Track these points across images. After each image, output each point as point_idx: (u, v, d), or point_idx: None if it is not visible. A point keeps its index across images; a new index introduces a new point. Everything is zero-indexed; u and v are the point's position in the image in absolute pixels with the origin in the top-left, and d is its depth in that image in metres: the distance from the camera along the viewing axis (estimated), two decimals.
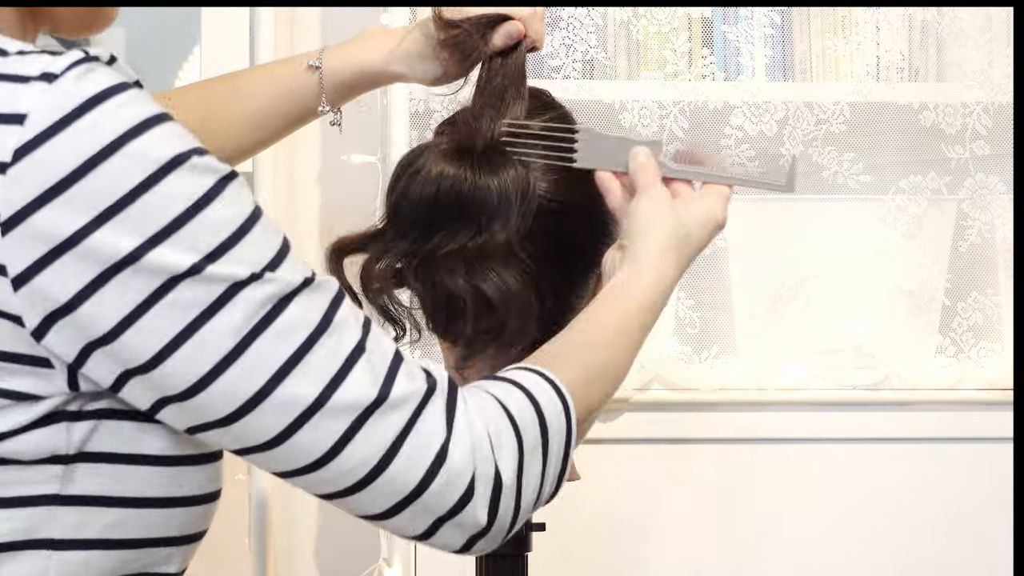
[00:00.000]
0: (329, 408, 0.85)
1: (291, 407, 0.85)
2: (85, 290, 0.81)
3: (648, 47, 1.92)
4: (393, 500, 0.88)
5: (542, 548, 1.27)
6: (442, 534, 0.91)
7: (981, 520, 1.92)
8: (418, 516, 0.89)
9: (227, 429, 0.86)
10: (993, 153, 1.93)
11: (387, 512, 0.89)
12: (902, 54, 1.95)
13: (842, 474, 1.92)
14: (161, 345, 0.83)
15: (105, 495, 0.88)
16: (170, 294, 0.82)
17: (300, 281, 0.86)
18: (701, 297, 1.92)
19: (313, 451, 0.86)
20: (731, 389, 1.91)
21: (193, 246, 0.82)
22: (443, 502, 0.89)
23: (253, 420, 0.85)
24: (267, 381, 0.84)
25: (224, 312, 0.83)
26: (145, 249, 0.81)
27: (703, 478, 1.91)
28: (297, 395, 0.85)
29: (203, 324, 0.83)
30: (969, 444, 1.93)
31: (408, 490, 0.88)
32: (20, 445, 0.85)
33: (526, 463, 0.92)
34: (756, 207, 1.91)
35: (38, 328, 0.82)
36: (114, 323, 0.82)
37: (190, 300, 0.82)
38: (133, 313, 0.82)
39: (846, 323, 1.92)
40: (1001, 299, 1.94)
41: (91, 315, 0.82)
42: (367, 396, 0.86)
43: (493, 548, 0.94)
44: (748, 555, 1.91)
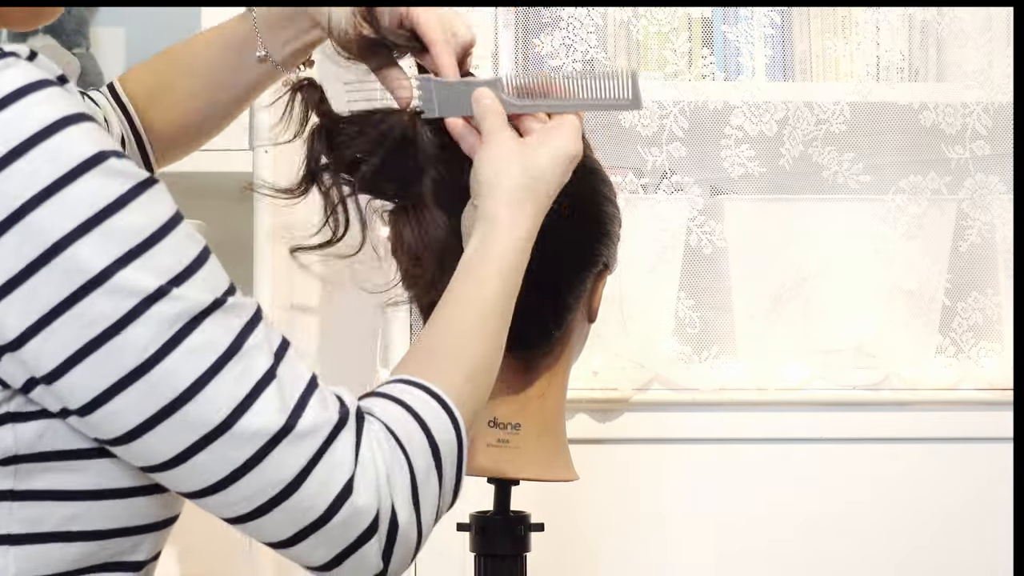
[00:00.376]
0: (233, 434, 0.84)
1: (194, 429, 0.84)
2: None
3: (648, 47, 1.92)
4: (296, 528, 0.88)
5: (542, 548, 1.27)
6: (347, 566, 0.90)
7: (981, 520, 1.92)
8: (320, 546, 0.89)
9: (127, 447, 0.85)
10: (993, 153, 1.93)
11: (290, 540, 0.89)
12: (902, 54, 1.95)
13: (842, 474, 1.92)
14: (64, 357, 0.81)
15: (61, 489, 0.87)
16: (80, 304, 0.81)
17: (211, 300, 0.84)
18: (701, 297, 1.92)
19: (215, 474, 0.85)
20: (731, 389, 1.91)
21: (101, 252, 0.81)
22: (347, 534, 0.88)
23: (153, 439, 0.84)
24: (171, 401, 0.83)
25: (132, 328, 0.81)
26: (54, 252, 0.80)
27: (703, 478, 1.91)
28: (201, 418, 0.83)
29: (109, 339, 0.81)
30: (969, 444, 1.93)
31: (313, 518, 0.87)
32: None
33: (421, 495, 0.91)
34: (756, 207, 1.91)
35: None
36: (21, 329, 0.81)
37: (98, 313, 0.81)
38: (41, 320, 0.81)
39: (846, 323, 1.92)
40: (1001, 299, 1.94)
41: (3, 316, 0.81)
42: (274, 424, 0.85)
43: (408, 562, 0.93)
44: (748, 555, 1.91)
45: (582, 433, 1.88)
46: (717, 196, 1.92)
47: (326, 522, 0.87)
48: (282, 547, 0.90)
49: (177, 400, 0.83)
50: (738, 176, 1.90)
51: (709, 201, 1.91)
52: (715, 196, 1.92)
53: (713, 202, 1.91)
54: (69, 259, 0.80)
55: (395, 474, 0.89)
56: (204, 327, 0.83)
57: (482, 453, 1.18)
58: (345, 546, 0.89)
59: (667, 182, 1.89)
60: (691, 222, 1.90)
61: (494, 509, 1.23)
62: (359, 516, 0.88)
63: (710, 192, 1.92)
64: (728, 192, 1.92)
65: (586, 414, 1.90)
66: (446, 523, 1.28)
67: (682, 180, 1.90)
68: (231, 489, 0.86)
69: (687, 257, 1.91)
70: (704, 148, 1.90)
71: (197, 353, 0.83)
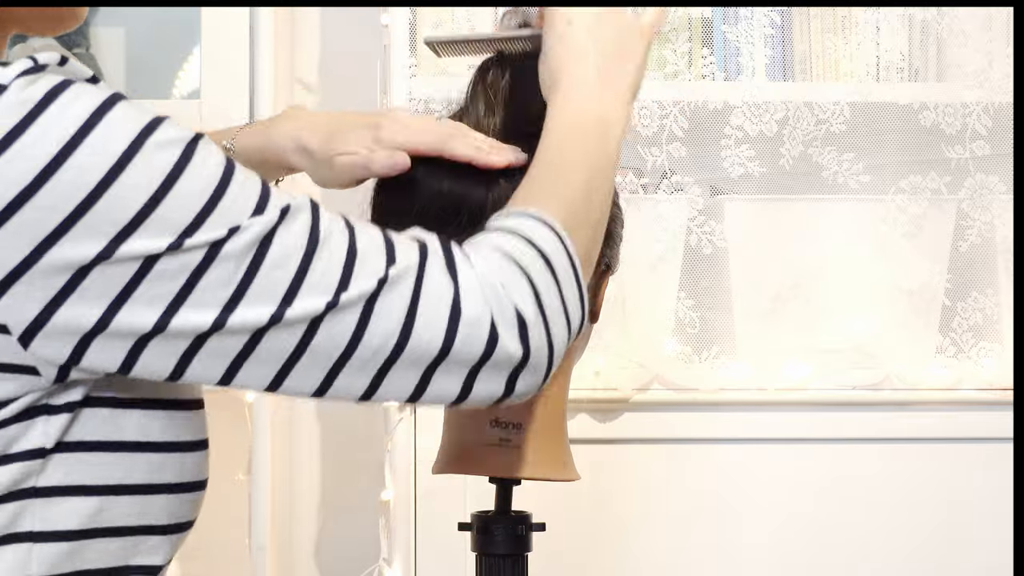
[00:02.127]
0: (341, 307, 0.87)
1: (301, 321, 0.86)
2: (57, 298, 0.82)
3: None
4: (422, 367, 0.90)
5: (542, 548, 1.27)
6: (480, 387, 0.92)
7: (981, 520, 1.92)
8: (452, 374, 0.90)
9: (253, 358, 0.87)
10: (993, 153, 1.93)
11: (421, 382, 0.90)
12: (902, 54, 1.95)
13: (842, 474, 1.92)
14: (162, 310, 0.84)
15: (84, 484, 0.88)
16: (155, 268, 0.83)
17: (277, 217, 0.87)
18: (701, 297, 1.92)
19: (339, 344, 0.88)
20: (731, 389, 1.91)
21: (166, 229, 0.83)
22: (471, 352, 0.90)
23: (271, 338, 0.86)
24: (276, 308, 0.86)
25: (213, 269, 0.84)
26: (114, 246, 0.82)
27: (703, 478, 1.91)
28: (305, 308, 0.86)
29: (196, 283, 0.84)
30: (969, 444, 1.93)
31: (434, 352, 0.89)
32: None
33: (541, 292, 0.92)
34: (756, 207, 1.91)
35: (23, 337, 0.83)
36: (100, 313, 0.83)
37: (177, 267, 0.83)
38: (124, 292, 0.83)
39: (846, 323, 1.92)
40: (1001, 299, 1.94)
41: (70, 316, 0.82)
42: (370, 284, 0.88)
43: (538, 384, 0.94)
44: (748, 554, 1.91)
45: (583, 433, 1.88)
46: (717, 196, 1.92)
47: (448, 350, 0.89)
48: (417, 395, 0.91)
49: (283, 301, 0.86)
50: (738, 176, 1.90)
51: (709, 201, 1.91)
52: (715, 196, 1.92)
53: (713, 202, 1.91)
54: (130, 248, 0.82)
55: (508, 278, 0.91)
56: (277, 241, 0.86)
57: (484, 453, 1.18)
58: (472, 364, 0.90)
59: (667, 182, 1.90)
60: (691, 222, 1.90)
61: (495, 509, 1.23)
62: (475, 332, 0.89)
63: (710, 192, 1.92)
64: (728, 192, 1.92)
65: (587, 414, 1.90)
66: (447, 523, 1.28)
67: (682, 180, 1.90)
68: (356, 354, 0.88)
69: (687, 257, 1.91)
70: (704, 148, 1.90)
71: (281, 263, 0.86)
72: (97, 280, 0.82)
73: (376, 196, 1.15)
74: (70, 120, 0.82)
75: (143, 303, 0.83)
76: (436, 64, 1.89)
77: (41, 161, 0.81)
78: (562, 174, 1.01)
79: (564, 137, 1.02)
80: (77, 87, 0.83)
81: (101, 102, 0.83)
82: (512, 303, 0.91)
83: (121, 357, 0.85)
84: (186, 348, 0.86)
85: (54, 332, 0.83)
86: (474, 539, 1.23)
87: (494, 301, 0.90)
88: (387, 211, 1.12)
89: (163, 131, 0.84)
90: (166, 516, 0.93)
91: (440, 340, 0.89)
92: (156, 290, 0.83)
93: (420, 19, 1.90)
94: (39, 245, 0.81)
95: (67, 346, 0.84)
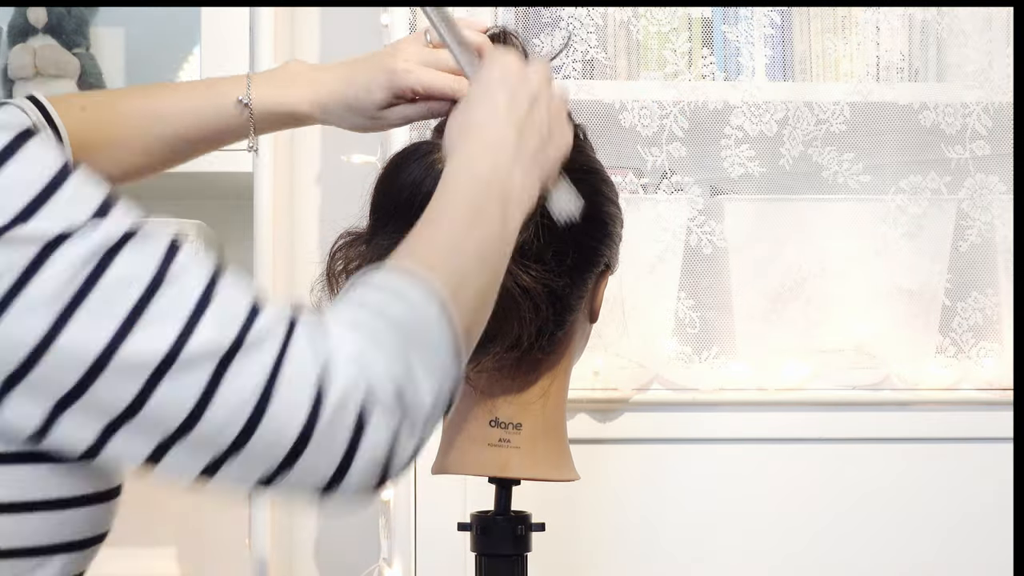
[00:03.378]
0: (184, 360, 0.77)
1: (141, 366, 0.77)
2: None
3: (648, 47, 1.92)
4: (285, 448, 0.79)
5: (542, 548, 1.27)
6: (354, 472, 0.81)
7: (981, 520, 1.92)
8: (322, 452, 0.80)
9: (80, 403, 0.77)
10: (993, 153, 1.93)
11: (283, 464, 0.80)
12: (902, 54, 1.95)
13: (842, 474, 1.92)
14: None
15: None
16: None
17: (123, 232, 0.78)
18: (701, 297, 1.92)
19: (180, 409, 0.78)
20: (731, 389, 1.91)
21: None
22: (343, 425, 0.80)
23: (102, 387, 0.77)
24: (108, 342, 0.76)
25: (41, 276, 0.76)
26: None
27: (703, 478, 1.91)
28: (145, 351, 0.77)
29: (20, 291, 0.75)
30: (969, 444, 1.93)
31: (298, 428, 0.79)
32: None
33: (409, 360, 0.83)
34: (756, 207, 1.91)
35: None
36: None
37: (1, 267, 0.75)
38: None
39: (846, 323, 1.92)
40: (1001, 299, 1.94)
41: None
42: (225, 339, 0.78)
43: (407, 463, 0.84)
44: (748, 555, 1.91)
45: (583, 433, 1.88)
46: (717, 196, 1.92)
47: (311, 432, 0.79)
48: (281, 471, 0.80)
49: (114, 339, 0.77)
50: (738, 176, 1.90)
51: (709, 201, 1.91)
52: (715, 196, 1.92)
53: (713, 202, 1.91)
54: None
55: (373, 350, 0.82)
56: (120, 260, 0.78)
57: (483, 453, 1.18)
58: (348, 439, 0.80)
59: (667, 182, 1.90)
60: (691, 222, 1.90)
61: (495, 509, 1.23)
62: (345, 408, 0.80)
63: (710, 192, 1.92)
64: (728, 192, 1.92)
65: (587, 414, 1.90)
66: (447, 523, 1.28)
67: (682, 180, 1.90)
68: (204, 420, 0.78)
69: (687, 257, 1.91)
70: (704, 148, 1.90)
71: (121, 287, 0.77)
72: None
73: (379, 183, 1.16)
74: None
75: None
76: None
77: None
78: (454, 227, 0.92)
79: (462, 189, 0.94)
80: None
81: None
82: (382, 369, 0.81)
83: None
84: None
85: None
86: (474, 539, 1.23)
87: (364, 366, 0.81)
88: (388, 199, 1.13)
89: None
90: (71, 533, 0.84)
91: (304, 415, 0.79)
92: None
93: (420, 19, 1.90)
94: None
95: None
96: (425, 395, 0.84)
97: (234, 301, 0.80)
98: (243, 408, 0.78)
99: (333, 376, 0.80)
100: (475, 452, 1.18)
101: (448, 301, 0.87)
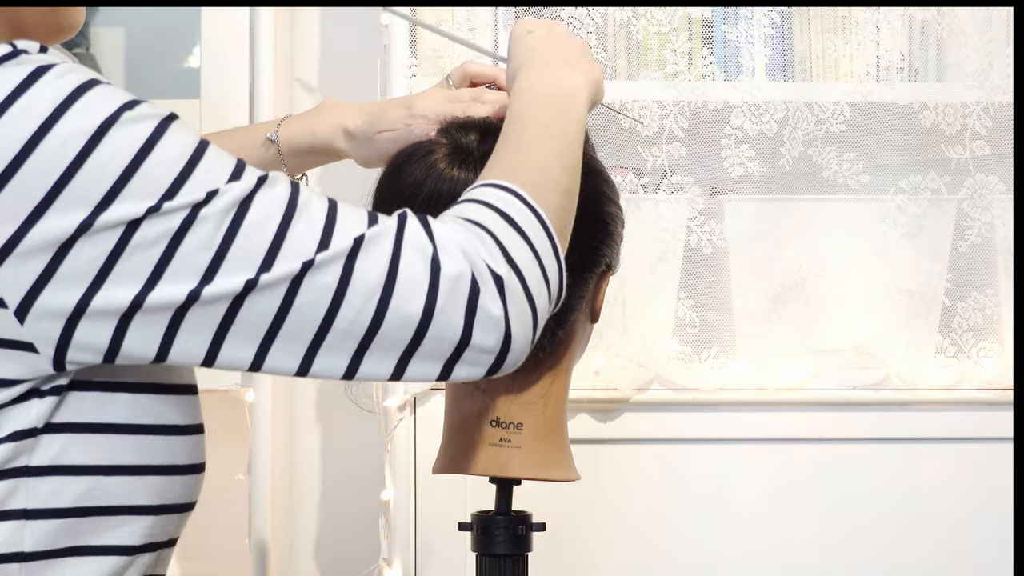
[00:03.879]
0: (318, 266, 0.88)
1: (280, 283, 0.87)
2: (42, 277, 0.84)
3: (648, 47, 1.92)
4: (412, 327, 0.89)
5: (542, 548, 1.27)
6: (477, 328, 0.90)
7: (981, 520, 1.92)
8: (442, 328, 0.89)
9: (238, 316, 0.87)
10: (993, 153, 1.93)
11: (412, 343, 0.89)
12: (902, 54, 1.95)
13: (842, 474, 1.92)
14: (141, 284, 0.85)
15: (74, 464, 0.91)
16: (135, 237, 0.85)
17: (255, 183, 0.88)
18: (701, 297, 1.92)
19: (319, 306, 0.88)
20: (731, 389, 1.91)
21: (146, 193, 0.85)
22: (456, 303, 0.89)
23: (251, 305, 0.87)
24: (255, 272, 0.86)
25: (192, 232, 0.86)
26: (95, 216, 0.84)
27: (703, 478, 1.91)
28: (283, 270, 0.87)
29: (175, 251, 0.85)
30: (969, 444, 1.93)
31: (419, 307, 0.89)
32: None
33: (510, 249, 0.92)
34: (756, 207, 1.91)
35: (17, 312, 0.85)
36: (81, 293, 0.85)
37: (157, 234, 0.85)
38: (104, 268, 0.85)
39: (846, 323, 1.92)
40: (1001, 299, 1.94)
41: (55, 298, 0.85)
42: (346, 242, 0.89)
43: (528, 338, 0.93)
44: (748, 554, 1.91)
45: (583, 433, 1.88)
46: (717, 196, 1.92)
47: (433, 303, 0.89)
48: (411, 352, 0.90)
49: (263, 264, 0.86)
50: (738, 176, 1.90)
51: (709, 201, 1.91)
52: (715, 196, 1.92)
53: (713, 202, 1.91)
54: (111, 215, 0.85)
55: (475, 240, 0.91)
56: (256, 204, 0.88)
57: (484, 452, 1.18)
58: (463, 314, 0.89)
59: (667, 182, 1.90)
60: (691, 222, 1.90)
61: (496, 509, 1.23)
62: (458, 282, 0.89)
63: (710, 192, 1.92)
64: (728, 192, 1.92)
65: (587, 414, 1.90)
66: (447, 523, 1.28)
67: (682, 180, 1.90)
68: (340, 313, 0.88)
69: (687, 257, 1.91)
70: (704, 148, 1.90)
71: (260, 224, 0.87)
72: (79, 256, 0.84)
73: (380, 184, 1.16)
74: (50, 98, 0.85)
75: (123, 280, 0.85)
76: (436, 65, 1.89)
77: (24, 136, 0.84)
78: (525, 142, 1.01)
79: (525, 110, 1.05)
80: (59, 68, 0.86)
81: (81, 82, 0.86)
82: (485, 264, 0.91)
83: (107, 339, 0.86)
84: (167, 324, 0.87)
85: (43, 312, 0.85)
86: (474, 539, 1.23)
87: (473, 261, 0.90)
88: (389, 200, 1.13)
89: (139, 108, 0.87)
90: (156, 497, 0.94)
91: (423, 296, 0.89)
92: (135, 261, 0.85)
93: (420, 19, 1.90)
94: (27, 218, 0.83)
95: (55, 328, 0.86)
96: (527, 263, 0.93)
97: (352, 216, 0.91)
98: (374, 288, 0.88)
99: (443, 259, 0.90)
100: (476, 452, 1.18)
101: (535, 200, 0.96)
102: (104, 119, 0.85)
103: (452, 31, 1.17)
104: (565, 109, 1.05)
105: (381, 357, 0.90)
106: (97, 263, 0.84)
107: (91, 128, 0.85)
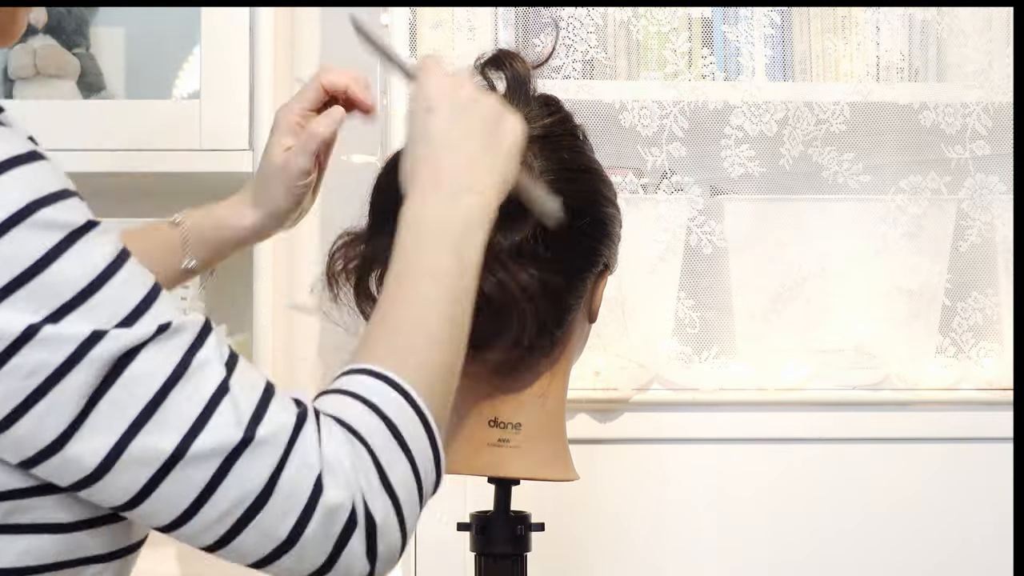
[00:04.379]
0: (191, 457, 0.82)
1: (149, 461, 0.81)
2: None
3: (648, 47, 1.92)
4: (275, 541, 0.85)
5: (542, 548, 1.27)
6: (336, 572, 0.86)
7: (981, 520, 1.92)
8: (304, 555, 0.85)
9: (89, 490, 0.83)
10: (993, 153, 1.93)
11: (272, 554, 0.85)
12: (902, 54, 1.95)
13: (842, 474, 1.92)
14: (7, 411, 0.79)
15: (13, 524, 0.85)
16: (13, 359, 0.79)
17: (154, 331, 0.82)
18: (701, 297, 1.92)
19: (180, 503, 0.83)
20: (731, 389, 1.91)
21: (33, 308, 0.79)
22: (327, 536, 0.85)
23: (112, 479, 0.82)
24: (120, 437, 0.81)
25: (73, 375, 0.79)
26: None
27: (703, 478, 1.91)
28: (154, 448, 0.81)
29: (51, 388, 0.79)
30: (969, 444, 1.93)
31: (290, 526, 0.84)
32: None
33: (392, 479, 0.87)
34: (756, 207, 1.91)
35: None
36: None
37: (36, 364, 0.79)
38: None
39: (846, 323, 1.92)
40: (1001, 299, 1.94)
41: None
42: (232, 438, 0.83)
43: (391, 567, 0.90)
44: (748, 554, 1.91)
45: (582, 433, 1.88)
46: (717, 196, 1.92)
47: (303, 528, 0.84)
48: (267, 564, 0.86)
49: (127, 432, 0.81)
50: (738, 176, 1.90)
51: (709, 201, 1.91)
52: (715, 196, 1.92)
53: (713, 202, 1.91)
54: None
55: (357, 463, 0.86)
56: (141, 359, 0.81)
57: (483, 452, 1.18)
58: (329, 550, 0.85)
59: (667, 182, 1.89)
60: (691, 222, 1.90)
61: (495, 509, 1.23)
62: (335, 514, 0.85)
63: (710, 192, 1.92)
64: (728, 192, 1.92)
65: (587, 414, 1.90)
66: (447, 522, 1.28)
67: (682, 180, 1.90)
68: (202, 513, 0.83)
69: (687, 257, 1.91)
70: (704, 148, 1.90)
71: (140, 382, 0.81)
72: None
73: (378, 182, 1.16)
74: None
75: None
76: None
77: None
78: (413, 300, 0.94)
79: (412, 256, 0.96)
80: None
81: (8, 157, 0.80)
82: (363, 497, 0.85)
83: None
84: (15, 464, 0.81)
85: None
86: (474, 539, 1.23)
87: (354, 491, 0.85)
88: (384, 211, 1.13)
89: (49, 210, 0.80)
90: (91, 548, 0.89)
91: (296, 516, 0.84)
92: (8, 386, 0.79)
93: (420, 19, 1.90)
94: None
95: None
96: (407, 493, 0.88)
97: (248, 394, 0.85)
98: (241, 505, 0.83)
99: (327, 483, 0.84)
100: (474, 452, 1.18)
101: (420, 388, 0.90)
102: (13, 212, 0.78)
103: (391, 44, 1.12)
104: (457, 245, 0.96)
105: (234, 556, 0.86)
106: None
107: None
